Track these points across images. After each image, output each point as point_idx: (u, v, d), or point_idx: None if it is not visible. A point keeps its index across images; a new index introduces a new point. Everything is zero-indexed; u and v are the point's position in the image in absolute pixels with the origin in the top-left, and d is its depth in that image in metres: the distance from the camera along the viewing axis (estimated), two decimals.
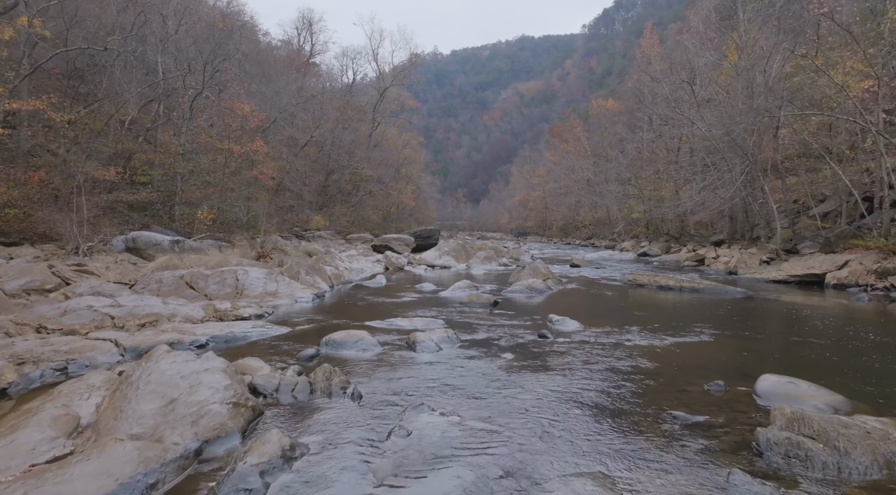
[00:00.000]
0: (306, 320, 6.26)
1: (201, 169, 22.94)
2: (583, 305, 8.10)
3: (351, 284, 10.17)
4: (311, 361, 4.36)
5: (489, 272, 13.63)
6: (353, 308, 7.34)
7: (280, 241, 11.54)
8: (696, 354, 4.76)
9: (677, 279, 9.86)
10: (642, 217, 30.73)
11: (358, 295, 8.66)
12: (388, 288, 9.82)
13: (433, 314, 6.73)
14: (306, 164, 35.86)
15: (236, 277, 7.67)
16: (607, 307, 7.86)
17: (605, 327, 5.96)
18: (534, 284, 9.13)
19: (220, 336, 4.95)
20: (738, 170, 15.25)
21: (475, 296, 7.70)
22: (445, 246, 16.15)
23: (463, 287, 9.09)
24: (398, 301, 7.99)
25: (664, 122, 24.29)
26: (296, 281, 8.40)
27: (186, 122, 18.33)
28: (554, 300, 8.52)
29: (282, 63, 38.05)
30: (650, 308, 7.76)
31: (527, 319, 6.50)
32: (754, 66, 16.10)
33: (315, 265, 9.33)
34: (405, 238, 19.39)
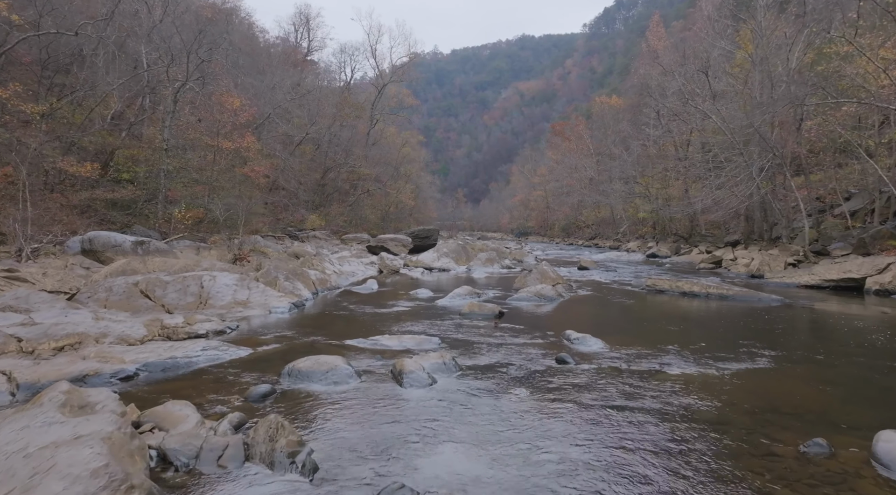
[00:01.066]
0: (275, 337, 5.22)
1: (190, 166, 21.95)
2: (601, 316, 7.06)
3: (338, 290, 9.13)
4: (265, 401, 3.32)
5: (491, 275, 12.60)
6: (335, 321, 6.30)
7: (260, 242, 10.52)
8: (762, 389, 3.72)
9: (703, 285, 8.82)
10: (649, 216, 29.69)
11: (344, 303, 7.62)
12: (380, 295, 8.79)
13: (428, 329, 5.70)
14: (302, 163, 34.86)
15: (201, 284, 6.64)
16: (630, 319, 6.81)
17: (636, 347, 4.91)
18: (543, 291, 8.09)
19: (155, 363, 3.91)
20: (757, 166, 14.22)
21: (477, 306, 6.66)
22: (444, 247, 15.13)
23: (463, 294, 8.05)
24: (389, 311, 6.95)
25: (673, 117, 23.26)
26: (272, 288, 7.36)
27: (170, 116, 17.29)
28: (567, 309, 7.47)
29: (277, 59, 37.04)
30: (680, 320, 6.71)
31: (539, 335, 5.46)
32: (774, 54, 15.07)
33: (297, 269, 8.30)
34: (402, 238, 18.35)
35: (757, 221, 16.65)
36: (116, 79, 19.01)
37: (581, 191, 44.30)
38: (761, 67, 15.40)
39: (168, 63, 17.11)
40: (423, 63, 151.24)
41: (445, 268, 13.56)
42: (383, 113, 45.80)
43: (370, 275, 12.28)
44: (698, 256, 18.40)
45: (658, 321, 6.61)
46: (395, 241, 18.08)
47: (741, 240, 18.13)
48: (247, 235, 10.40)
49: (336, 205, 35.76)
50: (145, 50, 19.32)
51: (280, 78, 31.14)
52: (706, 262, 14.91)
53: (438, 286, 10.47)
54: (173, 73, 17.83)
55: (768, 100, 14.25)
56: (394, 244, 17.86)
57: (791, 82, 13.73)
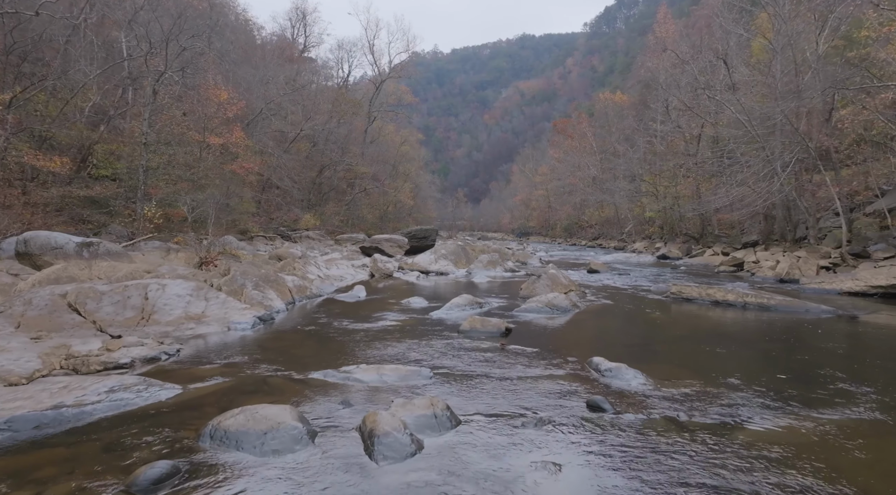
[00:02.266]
0: (223, 367, 4.08)
1: (176, 162, 20.82)
2: (628, 334, 5.90)
3: (320, 298, 7.98)
4: (159, 491, 2.18)
5: (493, 280, 11.45)
6: (304, 341, 5.15)
7: (233, 244, 9.38)
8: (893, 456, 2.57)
9: (738, 292, 7.67)
10: (656, 216, 28.51)
11: (322, 316, 6.47)
12: (367, 304, 7.64)
13: (418, 353, 4.55)
14: (297, 161, 33.74)
15: (145, 295, 5.49)
16: (665, 337, 5.66)
17: (686, 381, 3.77)
18: (555, 300, 6.94)
19: (26, 417, 2.77)
20: (782, 160, 13.08)
21: (479, 322, 5.52)
22: (443, 248, 13.99)
23: (463, 304, 6.90)
24: (373, 327, 5.80)
25: (684, 111, 22.11)
26: (236, 298, 6.21)
27: (149, 107, 16.14)
28: (585, 324, 6.33)
29: (271, 53, 35.90)
30: (725, 338, 5.56)
31: (558, 363, 4.31)
32: (798, 40, 13.92)
33: (270, 275, 7.15)
34: (397, 239, 17.20)
35: (779, 220, 15.50)
36: (94, 69, 17.89)
37: (584, 189, 43.17)
38: (783, 54, 14.26)
39: (146, 51, 15.95)
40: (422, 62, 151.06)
41: (443, 272, 12.42)
42: (381, 110, 44.66)
43: (360, 279, 11.13)
44: (714, 258, 17.26)
45: (699, 340, 5.46)
46: (391, 242, 16.93)
47: (759, 240, 16.98)
48: (218, 235, 9.28)
49: (332, 205, 34.64)
50: (125, 38, 18.20)
51: (273, 72, 29.99)
52: (726, 265, 13.76)
53: (435, 293, 9.32)
54: (152, 63, 16.69)
55: (794, 88, 13.11)
56: (389, 245, 16.71)
57: (820, 69, 12.59)
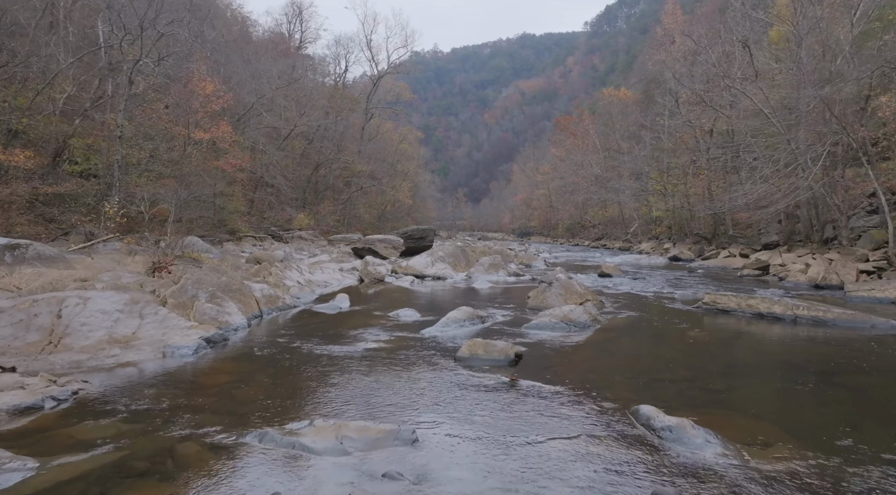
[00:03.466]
0: (121, 423, 2.91)
1: (161, 158, 19.67)
2: (671, 362, 4.72)
3: (294, 310, 6.81)
4: None
5: (496, 285, 10.29)
6: (253, 374, 3.98)
7: (197, 246, 8.23)
8: None
9: (787, 304, 6.51)
10: (664, 215, 27.32)
11: (288, 335, 5.31)
12: (348, 318, 6.47)
13: (398, 398, 3.38)
14: (291, 158, 32.62)
15: (59, 312, 4.33)
16: (720, 368, 4.48)
17: (785, 449, 2.60)
18: (571, 314, 5.78)
19: None
20: (811, 154, 11.91)
21: (482, 346, 4.35)
22: (440, 250, 12.83)
23: (461, 319, 5.74)
24: (348, 352, 4.64)
25: (695, 105, 20.93)
26: (182, 313, 5.06)
27: (124, 98, 14.99)
28: (613, 346, 5.16)
29: (263, 47, 34.73)
30: (796, 368, 4.38)
31: (591, 413, 3.14)
32: (827, 22, 12.77)
33: (232, 284, 5.99)
34: (392, 239, 16.04)
35: (803, 220, 14.34)
36: (68, 57, 16.75)
37: (587, 188, 41.99)
38: (809, 39, 13.10)
39: (121, 37, 14.78)
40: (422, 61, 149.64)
41: (441, 276, 11.25)
42: (379, 107, 43.48)
43: (348, 284, 9.98)
44: (731, 260, 16.10)
45: (764, 370, 4.29)
46: (385, 243, 15.78)
47: (780, 241, 15.82)
48: (180, 235, 8.13)
49: (327, 204, 33.50)
50: (102, 25, 17.04)
51: (265, 66, 28.82)
52: (750, 268, 12.59)
53: (430, 302, 8.17)
54: (128, 50, 15.52)
55: (824, 75, 11.95)
56: (383, 246, 15.55)
57: (854, 52, 11.44)
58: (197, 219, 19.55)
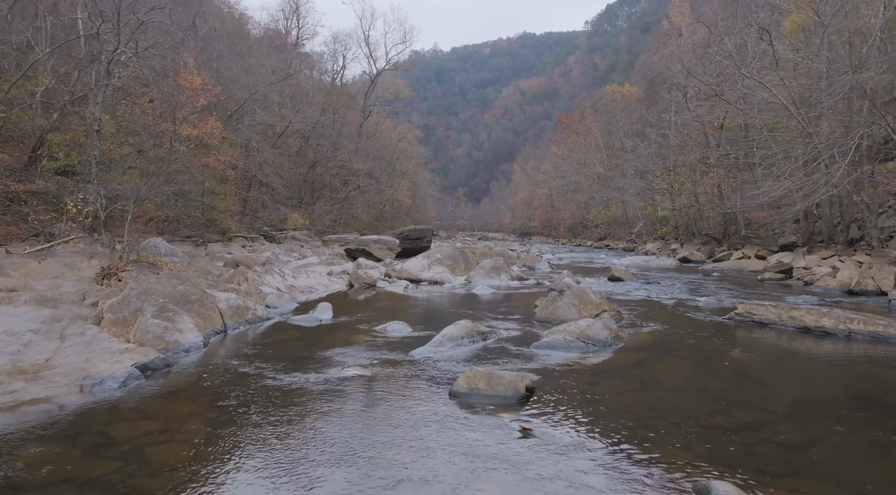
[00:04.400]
0: None
1: (147, 155, 18.80)
2: (719, 396, 3.80)
3: (267, 323, 5.91)
4: None
5: (499, 291, 9.39)
6: (185, 422, 3.07)
7: (159, 249, 7.32)
8: None
9: (838, 316, 5.60)
10: (671, 215, 26.39)
11: (249, 357, 4.41)
12: (326, 333, 5.57)
13: (366, 465, 2.48)
14: (287, 156, 31.72)
15: None
16: (780, 404, 3.57)
17: None
18: (590, 330, 4.88)
19: None
20: (839, 149, 11.01)
21: (483, 378, 3.44)
22: (438, 251, 11.92)
23: (459, 336, 4.84)
24: (316, 383, 3.73)
25: (706, 99, 20.03)
26: (119, 332, 4.16)
27: (102, 90, 14.09)
28: (644, 374, 4.25)
29: (258, 42, 33.84)
30: (875, 403, 3.46)
31: (637, 483, 2.24)
32: (852, 7, 11.89)
33: (190, 294, 5.09)
34: (387, 240, 15.14)
35: (825, 219, 13.45)
36: (45, 47, 15.89)
37: (590, 187, 41.09)
38: (834, 26, 12.21)
39: (98, 24, 13.88)
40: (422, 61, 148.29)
41: (438, 281, 10.35)
42: (377, 104, 42.54)
43: (336, 289, 9.09)
44: (746, 262, 15.20)
45: (842, 410, 3.38)
46: (379, 244, 14.88)
47: (798, 242, 14.92)
48: (138, 236, 7.21)
49: (323, 203, 32.60)
50: (81, 13, 16.15)
51: (259, 61, 27.93)
52: (771, 271, 11.68)
53: (425, 312, 7.27)
54: (107, 40, 14.62)
55: (851, 64, 11.06)
56: (377, 247, 14.65)
57: (885, 38, 10.57)
58: (184, 218, 18.68)
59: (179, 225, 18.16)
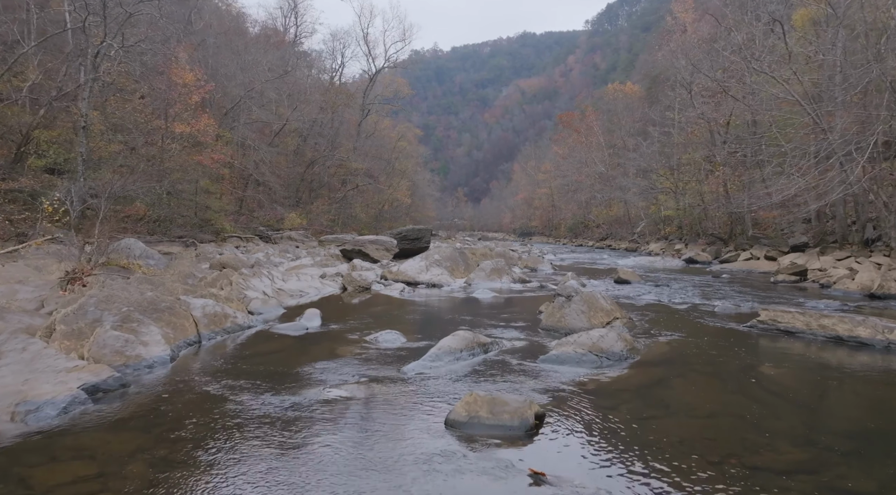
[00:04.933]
0: None
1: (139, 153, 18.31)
2: (759, 425, 3.29)
3: (248, 331, 5.40)
4: None
5: (500, 295, 8.90)
6: (127, 461, 2.56)
7: (133, 251, 6.81)
8: None
9: (874, 325, 5.10)
10: (675, 214, 25.89)
11: (220, 374, 3.91)
12: (312, 343, 5.07)
13: None
14: (283, 155, 31.22)
15: None
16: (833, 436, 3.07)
17: None
18: (602, 342, 4.38)
19: None
20: (855, 146, 10.51)
21: (485, 405, 2.93)
22: (437, 252, 11.42)
23: (458, 349, 4.34)
24: (293, 407, 3.23)
25: (711, 96, 19.54)
26: (72, 347, 3.66)
27: (89, 85, 13.60)
28: (668, 395, 3.75)
29: (255, 39, 33.33)
30: None
31: None
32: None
33: (160, 301, 4.59)
34: (384, 240, 14.64)
35: (839, 219, 12.95)
36: (31, 41, 15.39)
37: (591, 187, 40.60)
38: (849, 18, 11.72)
39: (84, 17, 13.37)
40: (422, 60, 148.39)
41: (436, 283, 9.85)
42: (376, 103, 42.02)
43: (327, 293, 8.59)
44: (755, 263, 14.70)
45: (881, 440, 2.89)
46: (376, 244, 14.38)
47: (810, 242, 14.42)
48: (112, 236, 6.71)
49: (320, 202, 32.11)
50: (68, 5, 15.64)
51: (255, 57, 27.42)
52: (785, 273, 11.18)
53: (421, 318, 6.77)
54: (94, 33, 14.11)
55: (872, 55, 10.56)
56: (374, 248, 14.16)
57: None
58: (177, 217, 18.19)
59: (172, 225, 17.67)
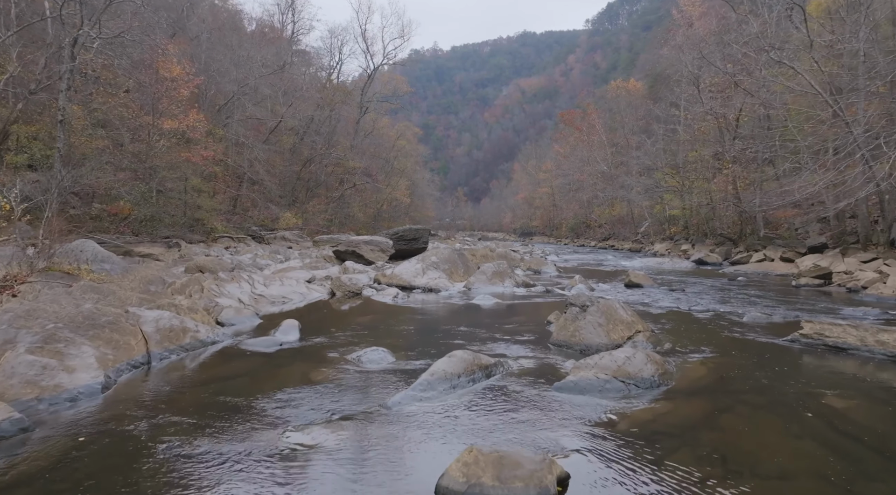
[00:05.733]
0: None
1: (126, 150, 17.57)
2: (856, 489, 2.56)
3: (211, 347, 4.64)
4: None
5: (502, 300, 8.14)
6: None
7: (86, 253, 6.06)
8: None
9: None
10: (682, 214, 25.13)
11: (155, 410, 3.15)
12: (284, 363, 4.31)
13: None
14: (278, 153, 30.46)
15: None
16: None
17: None
18: (629, 364, 3.63)
19: None
20: (885, 139, 9.77)
21: (491, 468, 2.19)
22: (434, 254, 10.66)
23: (455, 375, 3.58)
24: (232, 461, 2.47)
25: (719, 91, 18.79)
26: None
27: (67, 76, 12.85)
28: (718, 439, 2.99)
29: (249, 34, 32.58)
30: None
31: None
32: None
33: (97, 316, 3.83)
34: (380, 241, 13.89)
35: (861, 218, 12.22)
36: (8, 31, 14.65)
37: (593, 186, 39.84)
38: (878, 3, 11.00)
39: (61, 4, 12.62)
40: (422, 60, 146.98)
41: (433, 288, 9.09)
42: (375, 100, 41.24)
43: (314, 299, 7.84)
44: (770, 265, 13.95)
45: None
46: (371, 245, 13.63)
47: (828, 243, 13.67)
48: (60, 237, 5.94)
49: (316, 202, 31.36)
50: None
51: (248, 52, 26.67)
52: (808, 276, 10.42)
53: (415, 330, 6.01)
54: (71, 22, 13.37)
55: None
56: (369, 248, 13.41)
57: None
58: (165, 217, 17.43)
59: (159, 224, 16.94)
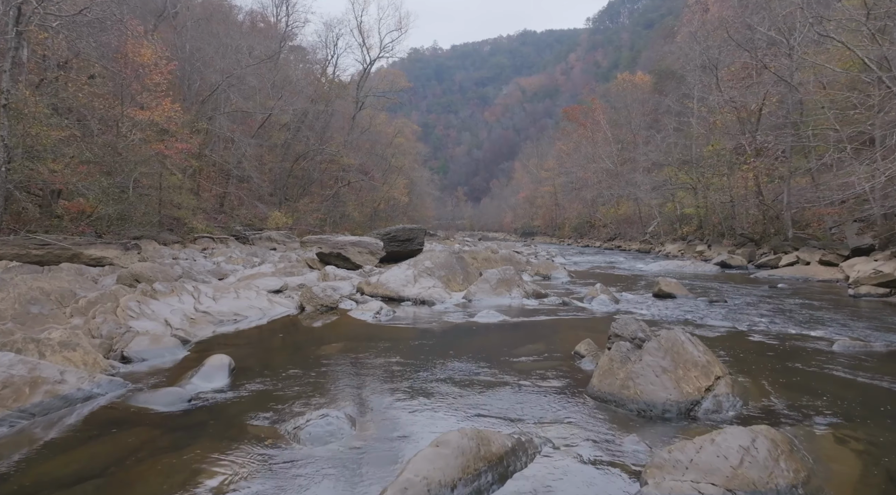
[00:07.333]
0: None
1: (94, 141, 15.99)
2: None
3: (80, 407, 3.09)
4: None
5: (510, 316, 6.57)
6: None
7: None
8: None
9: None
10: (696, 212, 23.58)
11: None
12: (179, 441, 2.73)
13: None
14: (268, 149, 28.88)
15: None
16: None
17: None
18: (748, 468, 2.08)
19: None
20: None
21: None
22: (429, 258, 9.11)
23: (448, 485, 2.01)
24: None
25: (741, 79, 17.29)
26: None
27: (11, 53, 11.31)
28: None
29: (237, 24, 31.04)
30: None
31: None
32: None
33: None
34: (369, 242, 12.33)
35: None
36: None
37: (598, 184, 38.30)
38: None
39: None
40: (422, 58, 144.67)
41: (426, 300, 7.53)
42: (371, 95, 39.66)
43: (277, 315, 6.28)
44: (806, 269, 12.39)
45: None
46: (359, 247, 12.06)
47: (876, 244, 12.13)
48: None
49: (307, 200, 29.80)
50: None
51: (234, 40, 25.09)
52: (869, 284, 8.86)
53: (395, 370, 4.42)
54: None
55: None
56: (356, 251, 11.85)
57: None
58: (134, 215, 15.87)
59: (127, 223, 15.39)
